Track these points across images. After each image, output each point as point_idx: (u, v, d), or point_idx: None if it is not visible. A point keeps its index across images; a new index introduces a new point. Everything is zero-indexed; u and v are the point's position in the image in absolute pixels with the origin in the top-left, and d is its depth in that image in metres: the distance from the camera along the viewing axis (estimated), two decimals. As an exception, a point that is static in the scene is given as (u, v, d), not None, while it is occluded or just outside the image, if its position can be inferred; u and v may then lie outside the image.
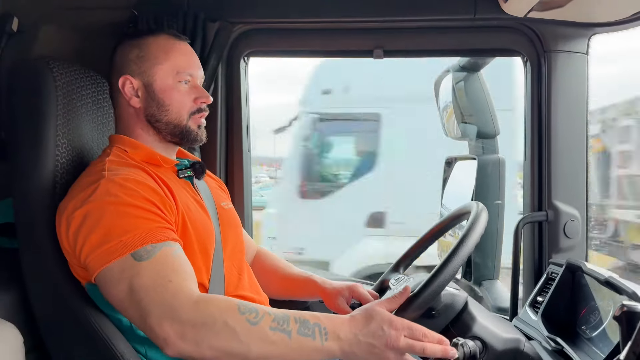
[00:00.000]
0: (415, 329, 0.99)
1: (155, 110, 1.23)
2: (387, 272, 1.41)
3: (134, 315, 1.02)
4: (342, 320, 1.01)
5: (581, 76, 1.60)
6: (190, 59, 1.27)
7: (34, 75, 1.20)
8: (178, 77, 1.23)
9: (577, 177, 1.61)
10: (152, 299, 0.99)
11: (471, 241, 1.09)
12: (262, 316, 0.98)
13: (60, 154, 1.19)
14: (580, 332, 1.32)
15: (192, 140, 1.27)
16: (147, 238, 1.04)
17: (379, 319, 0.99)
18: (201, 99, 1.25)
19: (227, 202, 1.38)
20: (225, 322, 0.96)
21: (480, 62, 1.87)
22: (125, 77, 1.23)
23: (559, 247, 1.60)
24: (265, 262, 1.52)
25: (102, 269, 1.03)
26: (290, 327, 0.98)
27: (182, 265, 1.05)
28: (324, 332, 0.98)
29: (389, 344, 0.98)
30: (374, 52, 1.70)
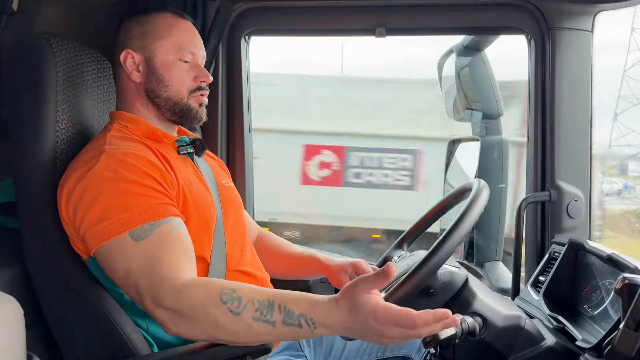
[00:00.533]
0: (402, 319, 0.91)
1: (155, 86, 1.24)
2: (390, 248, 1.40)
3: (133, 296, 1.04)
4: (328, 307, 0.94)
5: (586, 54, 1.58)
6: (193, 37, 1.28)
7: (34, 51, 1.20)
8: (179, 54, 1.24)
9: (581, 157, 1.60)
10: (145, 283, 1.00)
11: (469, 219, 1.06)
12: (244, 306, 0.95)
13: (60, 130, 1.19)
14: (582, 310, 1.32)
15: (192, 119, 1.27)
16: (145, 216, 1.04)
17: (362, 313, 0.92)
18: (201, 78, 1.25)
19: (227, 181, 1.38)
20: (206, 312, 0.96)
21: (483, 41, 1.85)
22: (127, 52, 1.24)
23: (561, 227, 1.59)
24: (267, 243, 1.52)
25: (101, 245, 1.04)
26: (274, 318, 0.95)
27: (178, 242, 1.05)
28: (310, 322, 0.95)
29: (379, 334, 0.93)
30: (376, 31, 1.68)
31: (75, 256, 1.13)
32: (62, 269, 1.12)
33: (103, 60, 1.40)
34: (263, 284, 1.28)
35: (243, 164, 1.81)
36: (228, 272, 1.21)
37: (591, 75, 1.59)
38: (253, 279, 1.25)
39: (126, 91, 1.27)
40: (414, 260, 1.22)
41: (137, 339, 1.11)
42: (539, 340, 1.16)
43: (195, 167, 1.28)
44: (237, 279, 1.21)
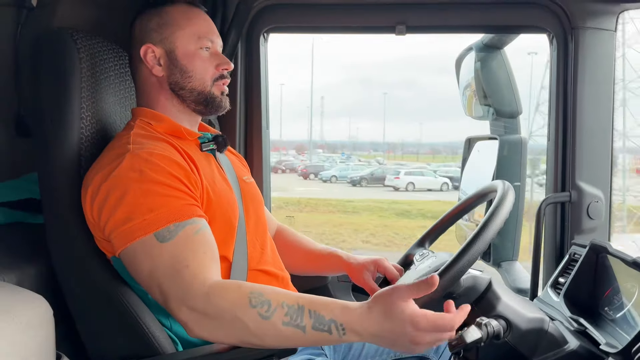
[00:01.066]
0: (441, 325, 0.93)
1: (178, 78, 1.23)
2: (412, 246, 1.40)
3: (157, 297, 1.04)
4: (360, 313, 0.95)
5: (609, 54, 1.57)
6: (210, 25, 1.27)
7: (58, 47, 1.19)
8: (199, 43, 1.23)
9: (602, 158, 1.59)
10: (170, 284, 1.00)
11: (495, 224, 1.05)
12: (274, 310, 0.96)
13: (84, 126, 1.19)
14: (603, 313, 1.31)
15: (217, 107, 1.26)
16: (170, 217, 1.03)
17: (399, 317, 0.92)
18: (223, 65, 1.25)
19: (248, 176, 1.37)
20: (235, 315, 0.96)
21: (504, 39, 1.83)
22: (147, 46, 1.23)
23: (581, 228, 1.58)
24: (287, 238, 1.52)
25: (126, 246, 1.04)
26: (304, 323, 0.95)
27: (204, 244, 1.05)
28: (340, 328, 0.95)
29: (413, 342, 0.93)
30: (396, 28, 1.67)
31: (100, 254, 1.13)
32: (87, 267, 1.12)
33: (124, 56, 1.39)
34: (283, 283, 1.28)
35: (261, 160, 1.81)
36: (249, 271, 1.20)
37: (613, 75, 1.58)
38: (274, 278, 1.25)
39: (148, 86, 1.26)
40: (436, 263, 1.22)
41: (161, 338, 1.11)
42: (562, 344, 1.15)
43: (217, 164, 1.27)
44: (258, 278, 1.21)
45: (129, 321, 1.09)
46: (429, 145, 37.83)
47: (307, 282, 1.67)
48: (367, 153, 36.07)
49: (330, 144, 38.99)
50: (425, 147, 36.81)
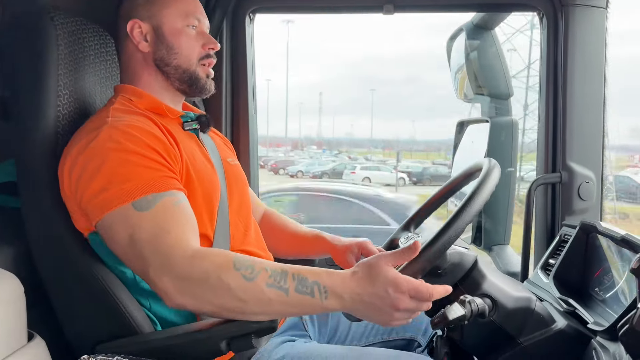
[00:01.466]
0: (421, 290, 0.96)
1: (164, 54, 1.22)
2: (397, 230, 1.38)
3: (136, 267, 1.02)
4: (343, 277, 0.98)
5: (600, 32, 1.54)
6: (197, 3, 1.27)
7: (35, 26, 1.17)
8: (186, 21, 1.23)
9: (593, 138, 1.56)
10: (150, 251, 0.98)
11: (481, 197, 1.03)
12: (258, 272, 0.96)
13: (62, 104, 1.17)
14: (593, 293, 1.30)
15: (201, 89, 1.26)
16: (148, 187, 1.02)
17: (382, 280, 0.95)
18: (209, 44, 1.25)
19: (233, 158, 1.36)
20: (219, 277, 0.95)
21: (494, 19, 1.80)
22: (134, 21, 1.22)
23: (572, 210, 1.56)
24: (273, 222, 1.50)
25: (103, 216, 1.02)
26: (287, 285, 0.96)
27: (184, 215, 1.04)
28: (323, 290, 0.96)
29: (394, 306, 0.95)
30: (384, 8, 1.65)
31: (77, 233, 1.11)
32: (64, 247, 1.10)
33: (105, 36, 1.37)
34: None
35: (247, 144, 1.78)
36: (231, 250, 1.18)
37: (605, 54, 1.55)
38: None
39: (133, 62, 1.25)
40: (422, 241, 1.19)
41: (140, 317, 1.09)
42: (550, 323, 1.13)
43: (200, 144, 1.25)
44: None
45: (107, 301, 1.07)
46: (424, 142, 38.19)
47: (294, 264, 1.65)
48: (366, 150, 36.25)
49: (327, 141, 39.04)
50: (420, 144, 37.04)
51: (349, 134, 45.04)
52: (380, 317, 0.98)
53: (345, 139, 42.05)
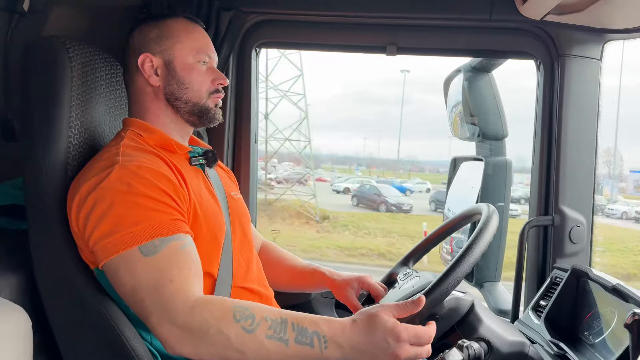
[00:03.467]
0: (422, 337, 0.98)
1: (175, 88, 1.24)
2: (396, 265, 1.41)
3: (138, 311, 1.03)
4: (343, 326, 0.98)
5: (594, 82, 1.60)
6: (209, 41, 1.31)
7: (50, 55, 1.19)
8: (198, 57, 1.26)
9: (585, 183, 1.61)
10: (153, 298, 0.99)
11: (479, 247, 1.06)
12: (258, 323, 0.97)
13: (72, 135, 1.18)
14: (583, 337, 1.33)
15: (210, 119, 1.29)
16: (156, 231, 1.03)
17: (382, 329, 0.96)
18: (218, 80, 1.28)
19: (236, 192, 1.38)
20: (219, 330, 0.96)
21: (492, 63, 1.86)
22: (145, 55, 1.24)
23: (563, 252, 1.60)
24: (271, 254, 1.52)
25: (110, 258, 1.03)
26: (287, 336, 0.96)
27: (188, 261, 1.04)
28: (322, 340, 0.97)
29: (394, 355, 0.96)
30: (387, 49, 1.70)
31: (84, 265, 1.12)
32: (69, 278, 1.11)
33: (116, 65, 1.39)
34: (267, 301, 1.27)
35: (248, 174, 1.81)
36: (233, 288, 1.20)
37: (598, 103, 1.61)
38: (257, 296, 1.25)
39: (142, 96, 1.26)
40: (420, 283, 1.23)
41: (142, 352, 1.10)
42: None
43: (205, 179, 1.27)
44: (242, 295, 1.21)
45: (110, 335, 1.08)
46: (410, 162, 38.99)
47: (291, 298, 1.67)
48: (347, 167, 36.86)
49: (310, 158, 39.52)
50: (406, 164, 37.78)
51: (334, 152, 45.46)
52: None
53: (328, 155, 42.40)
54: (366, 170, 36.43)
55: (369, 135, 64.30)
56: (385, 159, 42.77)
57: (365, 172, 34.08)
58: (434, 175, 31.08)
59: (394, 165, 37.47)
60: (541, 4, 1.44)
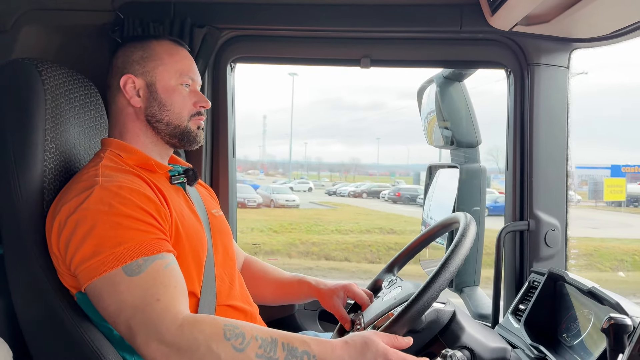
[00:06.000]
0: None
1: (156, 110, 1.24)
2: (381, 272, 1.43)
3: (124, 332, 1.01)
4: (333, 346, 1.00)
5: (562, 89, 1.64)
6: (192, 64, 1.30)
7: (22, 77, 1.17)
8: (180, 80, 1.26)
9: (558, 188, 1.65)
10: (139, 319, 0.98)
11: (455, 262, 1.09)
12: (248, 342, 0.97)
13: (48, 159, 1.17)
14: (562, 340, 1.36)
15: (192, 142, 1.28)
16: (139, 251, 1.02)
17: (374, 351, 1.00)
18: (200, 103, 1.28)
19: (217, 210, 1.38)
20: (209, 348, 0.96)
21: (463, 72, 1.90)
22: (127, 76, 1.24)
23: (539, 256, 1.64)
24: (255, 268, 1.52)
25: (93, 280, 1.02)
26: (277, 355, 0.97)
27: (173, 280, 1.04)
28: (312, 359, 0.98)
29: None
30: (361, 61, 1.72)
31: (64, 291, 1.10)
32: (49, 304, 1.09)
33: (89, 85, 1.38)
34: (252, 318, 1.27)
35: (227, 190, 1.80)
36: (217, 306, 1.20)
37: (567, 109, 1.65)
38: (242, 313, 1.25)
39: (123, 116, 1.26)
40: (402, 295, 1.24)
41: None
42: None
43: (186, 197, 1.27)
44: (227, 313, 1.20)
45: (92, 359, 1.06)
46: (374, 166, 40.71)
47: (275, 312, 1.67)
48: (315, 173, 37.75)
49: (274, 164, 40.38)
50: (379, 169, 39.22)
51: (307, 158, 46.05)
52: None
53: (303, 162, 42.93)
54: (339, 176, 37.29)
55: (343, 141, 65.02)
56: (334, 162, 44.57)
57: (315, 176, 35.38)
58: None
59: (339, 168, 39.52)
60: (510, 16, 1.48)
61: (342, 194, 24.28)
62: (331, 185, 28.01)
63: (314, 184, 27.21)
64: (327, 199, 22.41)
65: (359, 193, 23.76)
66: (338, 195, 23.90)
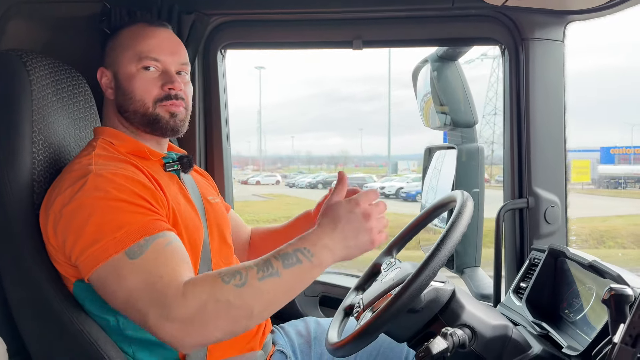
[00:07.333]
0: (364, 192, 1.08)
1: (122, 100, 1.21)
2: (380, 255, 1.41)
3: (134, 317, 0.99)
4: (313, 232, 1.03)
5: (558, 63, 1.62)
6: (160, 43, 1.22)
7: (6, 70, 1.16)
8: (141, 63, 1.20)
9: (556, 164, 1.63)
10: (146, 300, 0.96)
11: (453, 239, 1.05)
12: (245, 274, 0.97)
13: (37, 150, 1.16)
14: (564, 316, 1.35)
15: (164, 130, 1.21)
16: (140, 232, 1.00)
17: (342, 207, 1.04)
18: (168, 85, 1.20)
19: (213, 197, 1.36)
20: (216, 299, 0.94)
21: (457, 51, 1.87)
22: (101, 70, 1.23)
23: (540, 233, 1.62)
24: (263, 233, 1.52)
25: (96, 268, 0.99)
26: (275, 268, 0.98)
27: (176, 254, 1.02)
28: (306, 252, 1.00)
29: (365, 217, 1.03)
30: (353, 43, 1.70)
31: (59, 282, 1.09)
32: (43, 297, 1.08)
33: (78, 76, 1.37)
34: None
35: (222, 179, 1.79)
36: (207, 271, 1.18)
37: (564, 84, 1.63)
38: None
39: (105, 108, 1.26)
40: (400, 276, 1.23)
41: None
42: (526, 349, 1.18)
43: (181, 184, 1.25)
44: None
45: (90, 351, 1.06)
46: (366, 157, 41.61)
47: None
48: (313, 167, 38.40)
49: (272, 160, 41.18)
50: (373, 159, 39.92)
51: (296, 152, 46.60)
52: (364, 237, 1.04)
53: (303, 156, 43.41)
54: (335, 168, 38.12)
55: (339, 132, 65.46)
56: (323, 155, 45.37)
57: (315, 170, 36.53)
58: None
59: (328, 161, 40.34)
60: (502, -10, 1.45)
61: (300, 185, 25.69)
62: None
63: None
64: (282, 191, 23.46)
65: (314, 184, 25.03)
66: (297, 187, 25.32)
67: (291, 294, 1.01)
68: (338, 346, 1.09)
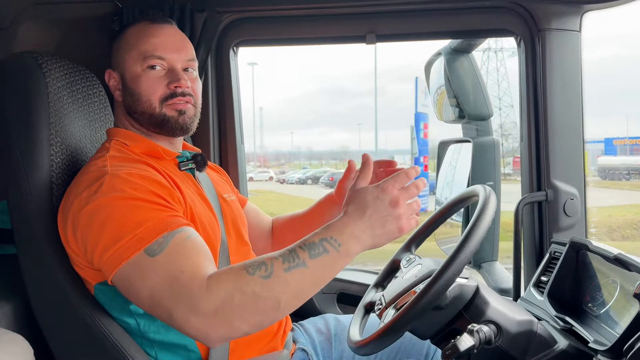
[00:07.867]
0: (395, 177, 1.02)
1: (130, 102, 1.20)
2: (398, 251, 1.40)
3: (160, 315, 0.98)
4: (340, 220, 1.00)
5: (575, 54, 1.60)
6: (165, 41, 1.20)
7: (24, 72, 1.16)
8: (145, 62, 1.18)
9: (575, 155, 1.61)
10: (170, 297, 0.95)
11: (477, 235, 1.03)
12: (271, 265, 0.95)
13: (54, 153, 1.15)
14: (587, 310, 1.33)
15: (174, 129, 1.20)
16: (159, 228, 0.99)
17: (369, 195, 1.00)
18: (174, 83, 1.18)
19: (229, 194, 1.35)
20: (242, 291, 0.93)
21: (471, 43, 1.85)
22: (108, 72, 1.23)
23: (559, 226, 1.60)
24: (286, 221, 1.50)
25: (119, 268, 0.98)
26: (301, 259, 0.96)
27: (195, 248, 1.01)
28: (333, 241, 0.97)
29: (392, 204, 0.99)
30: (367, 37, 1.68)
31: (81, 285, 1.09)
32: (66, 300, 1.08)
33: (91, 77, 1.36)
34: None
35: (237, 176, 1.78)
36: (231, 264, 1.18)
37: (581, 74, 1.60)
38: None
39: (116, 110, 1.26)
40: (423, 272, 1.21)
41: None
42: (552, 344, 1.16)
43: (196, 183, 1.25)
44: None
45: (113, 352, 1.06)
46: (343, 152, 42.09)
47: None
48: (314, 162, 38.68)
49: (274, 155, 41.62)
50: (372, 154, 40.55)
51: (297, 148, 46.96)
52: (392, 225, 1.01)
53: (305, 152, 43.77)
54: (335, 164, 38.43)
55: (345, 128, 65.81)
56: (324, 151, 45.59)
57: (317, 165, 36.86)
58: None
59: (327, 156, 40.56)
60: (518, -20, 1.43)
61: (290, 181, 25.65)
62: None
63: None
64: (271, 187, 23.44)
65: (304, 180, 25.08)
66: (287, 183, 25.19)
67: (319, 285, 0.99)
68: (362, 344, 1.08)
